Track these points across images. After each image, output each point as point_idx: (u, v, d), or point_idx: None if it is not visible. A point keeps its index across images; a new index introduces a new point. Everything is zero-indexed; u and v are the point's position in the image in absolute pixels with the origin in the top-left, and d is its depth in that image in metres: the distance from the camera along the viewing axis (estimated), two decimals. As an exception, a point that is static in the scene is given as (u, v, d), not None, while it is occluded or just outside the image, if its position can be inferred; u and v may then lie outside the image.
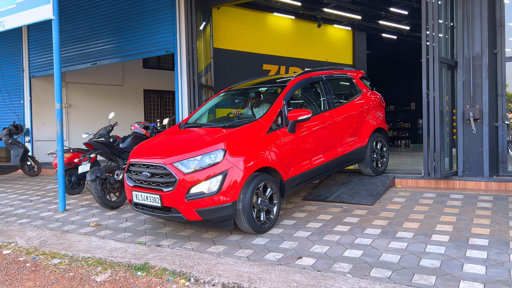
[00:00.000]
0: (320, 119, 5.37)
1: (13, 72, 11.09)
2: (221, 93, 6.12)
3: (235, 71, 8.85)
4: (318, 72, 5.83)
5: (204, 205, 4.15)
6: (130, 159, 4.80)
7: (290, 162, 4.86)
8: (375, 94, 6.62)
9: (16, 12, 6.61)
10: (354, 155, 5.97)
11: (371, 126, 6.23)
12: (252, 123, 4.70)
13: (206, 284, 3.43)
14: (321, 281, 3.26)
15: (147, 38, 8.72)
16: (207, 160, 4.22)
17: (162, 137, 5.14)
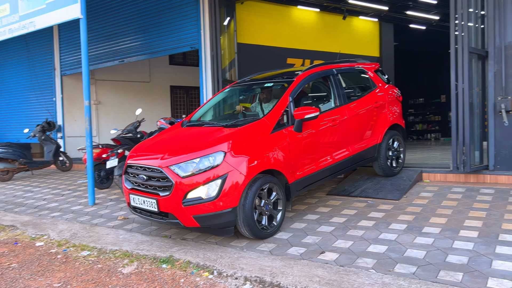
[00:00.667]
0: (330, 116, 5.05)
1: (46, 71, 11.46)
2: (226, 88, 5.87)
3: (259, 65, 8.83)
4: (328, 65, 5.50)
5: (202, 211, 3.87)
6: (128, 160, 4.57)
7: (297, 163, 4.55)
8: (391, 88, 6.23)
9: (46, 12, 6.82)
10: (368, 154, 5.62)
11: (386, 122, 5.83)
12: (255, 122, 4.39)
13: (229, 277, 3.47)
14: (343, 276, 3.24)
15: (172, 34, 8.83)
16: (206, 163, 3.92)
17: (161, 137, 4.94)
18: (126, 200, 4.60)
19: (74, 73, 10.83)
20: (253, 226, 4.03)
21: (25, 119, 11.89)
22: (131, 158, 4.55)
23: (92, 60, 10.18)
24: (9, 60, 12.54)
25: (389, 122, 5.87)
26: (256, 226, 4.06)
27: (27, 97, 12.01)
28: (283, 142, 4.41)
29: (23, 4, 7.28)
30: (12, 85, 12.59)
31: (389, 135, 5.85)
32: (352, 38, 10.57)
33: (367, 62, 6.25)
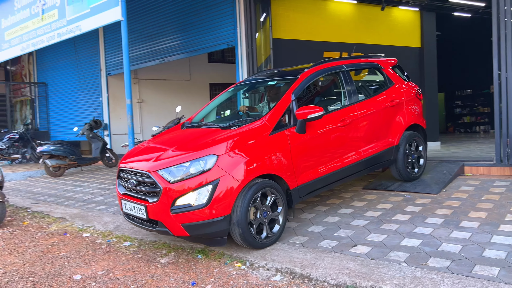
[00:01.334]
0: (338, 116, 4.66)
1: (92, 72, 12.06)
2: (230, 88, 5.61)
3: (295, 60, 8.83)
4: (338, 61, 5.14)
5: (192, 219, 3.59)
6: (120, 164, 4.33)
7: (299, 167, 4.21)
8: (410, 86, 5.77)
9: (90, 16, 7.19)
10: (383, 157, 5.17)
11: (404, 122, 5.39)
12: (252, 124, 4.09)
13: (261, 268, 3.56)
14: (374, 269, 3.24)
15: (210, 33, 9.00)
16: (196, 168, 3.62)
17: (157, 139, 4.74)
18: (120, 205, 4.34)
19: (118, 73, 11.30)
20: (248, 235, 3.69)
21: (75, 118, 12.58)
22: (123, 161, 4.30)
23: (134, 60, 10.60)
24: (60, 63, 13.30)
25: (407, 123, 5.44)
26: (251, 236, 3.72)
27: (76, 97, 12.69)
28: (284, 144, 4.09)
29: (69, 9, 7.70)
30: (62, 87, 13.36)
31: (407, 137, 5.40)
32: (391, 29, 10.29)
33: (383, 58, 5.84)
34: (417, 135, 5.57)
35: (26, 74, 15.57)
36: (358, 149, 4.86)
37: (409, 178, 5.52)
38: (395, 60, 5.88)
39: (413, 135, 5.50)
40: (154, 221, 3.80)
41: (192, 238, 3.89)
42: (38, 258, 4.31)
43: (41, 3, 8.33)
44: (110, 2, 6.70)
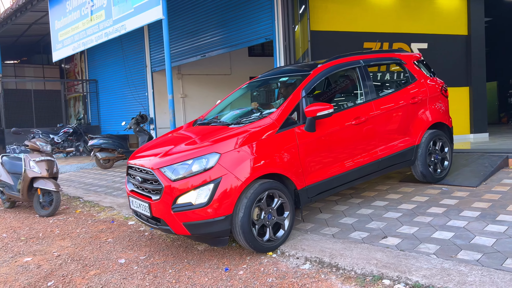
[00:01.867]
0: (352, 114, 4.48)
1: (138, 68, 12.58)
2: (244, 85, 5.54)
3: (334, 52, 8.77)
4: (355, 56, 4.92)
5: (192, 218, 3.54)
6: (129, 160, 4.34)
7: (308, 167, 4.07)
8: (434, 81, 5.44)
9: (134, 15, 7.53)
10: (402, 157, 4.93)
11: (426, 120, 5.12)
12: (259, 121, 4.00)
13: (291, 257, 3.69)
14: (402, 260, 3.28)
15: (249, 27, 9.14)
16: (198, 166, 3.56)
17: (166, 136, 4.74)
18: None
19: (162, 70, 11.72)
20: (250, 237, 3.60)
21: (122, 113, 13.22)
22: (132, 158, 4.31)
23: (177, 56, 10.97)
24: (108, 60, 13.99)
25: (430, 121, 5.15)
26: (254, 238, 3.63)
27: (124, 93, 13.31)
28: (291, 142, 3.96)
29: (115, 9, 8.11)
30: (111, 83, 14.05)
31: (430, 136, 5.11)
32: (435, 16, 9.92)
33: (406, 53, 5.59)
34: (441, 134, 5.27)
35: (78, 71, 16.50)
36: (374, 148, 4.65)
37: (432, 179, 5.26)
38: (419, 55, 5.63)
39: (436, 134, 5.21)
40: (157, 218, 3.76)
41: (195, 237, 3.83)
42: (88, 243, 4.69)
43: (90, 5, 8.83)
44: (152, 1, 6.99)
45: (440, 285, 2.82)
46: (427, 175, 5.18)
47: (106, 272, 3.81)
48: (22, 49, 17.91)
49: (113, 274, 3.75)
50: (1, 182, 6.68)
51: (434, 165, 5.28)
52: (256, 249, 3.72)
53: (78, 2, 9.29)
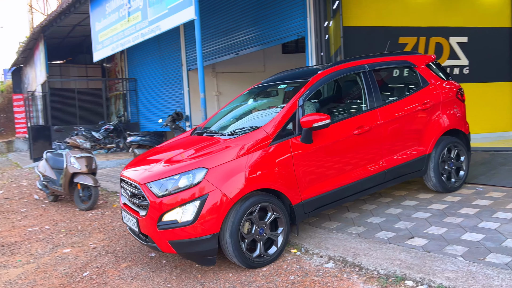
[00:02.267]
0: (354, 123, 4.21)
1: (174, 67, 12.90)
2: (245, 91, 5.33)
3: (367, 48, 8.64)
4: (359, 61, 4.62)
5: (178, 236, 3.37)
6: (122, 171, 4.18)
7: (304, 180, 3.85)
8: (449, 85, 5.06)
9: (168, 16, 7.74)
10: (411, 168, 4.63)
11: (439, 127, 4.76)
12: (251, 133, 3.79)
13: (315, 255, 3.71)
14: (426, 261, 3.22)
15: (281, 24, 9.15)
16: (184, 181, 3.38)
17: (162, 147, 4.63)
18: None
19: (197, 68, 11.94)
20: (239, 254, 3.44)
21: (160, 111, 13.60)
22: (125, 168, 4.18)
23: (211, 55, 11.15)
24: (147, 60, 14.41)
25: (443, 128, 4.79)
26: (243, 253, 3.46)
27: (161, 91, 13.69)
28: (285, 155, 3.75)
29: (151, 10, 8.36)
30: (149, 82, 14.48)
31: (443, 144, 4.79)
32: (476, 8, 9.50)
33: (417, 54, 5.21)
34: (456, 141, 4.93)
35: (119, 70, 17.11)
36: (379, 159, 4.37)
37: (446, 189, 4.89)
38: (432, 57, 5.27)
39: (451, 141, 4.87)
40: (144, 235, 3.62)
41: (183, 256, 3.64)
42: (122, 236, 4.91)
43: (127, 7, 9.14)
44: (185, 2, 7.16)
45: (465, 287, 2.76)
46: (440, 185, 4.84)
47: (137, 265, 3.98)
48: (67, 50, 18.79)
49: (143, 267, 3.92)
50: (45, 177, 7.09)
51: (448, 174, 4.93)
52: (248, 266, 3.54)
53: (116, 4, 9.64)
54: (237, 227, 3.41)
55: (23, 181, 10.23)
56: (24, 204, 7.32)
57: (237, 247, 3.41)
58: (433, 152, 4.75)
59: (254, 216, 3.52)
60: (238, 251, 3.43)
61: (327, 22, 8.42)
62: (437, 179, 4.79)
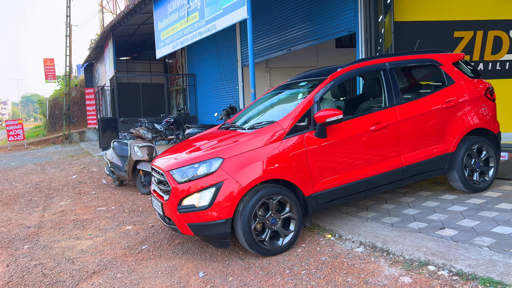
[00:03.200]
0: (371, 119, 4.29)
1: (230, 63, 13.47)
2: (271, 90, 5.49)
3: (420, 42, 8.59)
4: (379, 59, 4.68)
5: (195, 219, 3.69)
6: (152, 161, 4.60)
7: (317, 173, 4.02)
8: (477, 83, 5.01)
9: (223, 16, 8.23)
10: (432, 165, 4.62)
11: (463, 126, 4.72)
12: (266, 127, 4.01)
13: (347, 240, 4.00)
14: (451, 250, 3.40)
15: (331, 20, 9.32)
16: (203, 169, 3.71)
17: (190, 139, 4.93)
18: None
19: (252, 63, 12.40)
20: (251, 240, 3.69)
21: (216, 105, 14.27)
22: (155, 159, 4.56)
23: (264, 51, 11.55)
24: (205, 56, 15.14)
25: (468, 126, 4.76)
26: (254, 241, 3.70)
27: (217, 86, 14.34)
28: (299, 148, 3.93)
29: (207, 11, 8.91)
30: (206, 77, 15.21)
31: (469, 143, 4.74)
32: (542, -1, 9.03)
33: (443, 53, 5.13)
34: (483, 140, 4.85)
35: (179, 66, 18.05)
36: (397, 156, 4.43)
37: (471, 189, 4.82)
38: (460, 55, 5.22)
39: (477, 140, 4.81)
40: (168, 218, 3.98)
41: (202, 239, 3.95)
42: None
43: (186, 7, 9.78)
44: (238, 2, 7.60)
45: (483, 274, 2.94)
46: (465, 184, 4.78)
47: (188, 242, 4.50)
48: (132, 47, 20.11)
49: (193, 244, 4.42)
50: (112, 163, 7.91)
51: (474, 174, 4.87)
52: (259, 253, 3.78)
53: (177, 5, 10.33)
54: (250, 213, 3.64)
55: (93, 167, 11.33)
56: (94, 188, 8.22)
57: (249, 233, 3.66)
58: (457, 151, 4.71)
59: (271, 203, 3.76)
60: (250, 238, 3.67)
61: (379, 17, 8.47)
62: (460, 178, 4.74)
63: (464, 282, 2.94)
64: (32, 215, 6.55)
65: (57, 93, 29.59)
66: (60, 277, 3.95)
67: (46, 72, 30.36)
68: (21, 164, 13.65)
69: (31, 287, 3.81)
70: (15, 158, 15.95)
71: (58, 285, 3.77)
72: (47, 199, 7.67)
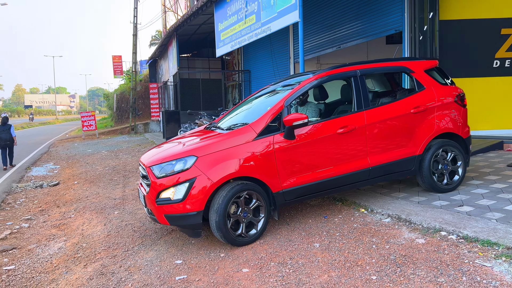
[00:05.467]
0: (338, 123, 4.59)
1: (283, 60, 14.31)
2: (255, 93, 5.82)
3: (463, 42, 8.89)
4: (351, 67, 4.93)
5: (171, 211, 4.09)
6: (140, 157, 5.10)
7: (285, 172, 4.35)
8: (448, 90, 5.21)
9: (277, 19, 9.10)
10: (400, 166, 4.90)
11: (431, 130, 4.97)
12: (240, 128, 4.41)
13: (377, 213, 4.76)
14: (463, 220, 4.08)
15: (379, 19, 9.86)
16: (179, 166, 4.12)
17: (175, 138, 5.35)
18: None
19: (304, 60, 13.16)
20: (225, 231, 4.06)
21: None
22: (144, 154, 5.02)
23: (315, 48, 12.28)
24: (259, 53, 16.10)
25: (435, 131, 5.00)
26: (228, 232, 4.08)
27: (270, 82, 15.19)
28: (267, 149, 4.28)
29: (263, 14, 9.82)
30: (260, 73, 16.17)
31: (436, 146, 4.99)
32: None
33: (416, 60, 5.34)
34: (451, 144, 5.09)
35: (236, 63, 19.17)
36: (364, 157, 4.72)
37: (438, 189, 5.08)
38: (433, 62, 5.41)
39: (444, 144, 5.05)
40: (149, 209, 4.39)
41: (179, 228, 4.44)
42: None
43: (244, 10, 10.75)
44: (291, 7, 8.42)
45: (483, 237, 3.62)
46: (431, 185, 5.04)
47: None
48: (192, 45, 21.54)
49: (249, 213, 5.36)
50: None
51: (441, 176, 5.11)
52: (232, 243, 4.17)
53: (236, 8, 11.34)
54: (223, 206, 4.02)
55: (159, 154, 12.68)
56: (163, 170, 9.44)
57: (221, 224, 4.03)
58: (424, 154, 4.99)
59: (240, 200, 4.14)
60: (222, 228, 4.04)
61: (424, 16, 8.93)
62: (427, 179, 5.00)
63: (468, 243, 3.64)
64: (115, 190, 7.87)
65: (123, 87, 32.00)
66: (146, 232, 5.08)
67: (114, 68, 32.93)
68: (97, 151, 15.45)
69: (126, 238, 4.97)
70: (90, 146, 17.92)
71: (146, 238, 4.90)
72: (125, 178, 9.02)
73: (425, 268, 3.31)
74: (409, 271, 3.29)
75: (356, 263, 3.56)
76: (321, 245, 4.05)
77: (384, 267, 3.43)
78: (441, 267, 3.29)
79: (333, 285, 3.24)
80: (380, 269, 3.40)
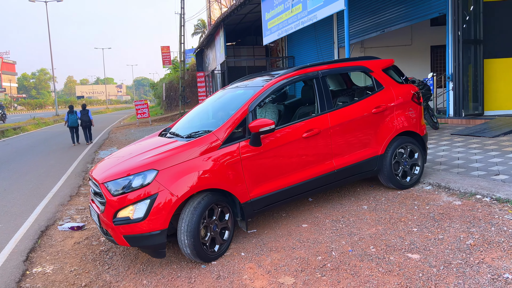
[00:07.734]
0: (303, 127, 4.41)
1: (327, 45, 14.77)
2: (213, 95, 5.58)
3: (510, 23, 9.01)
4: (312, 68, 4.78)
5: (131, 231, 3.63)
6: (90, 171, 4.45)
7: (252, 180, 4.07)
8: (405, 89, 5.20)
9: (323, 7, 9.64)
10: (363, 167, 4.85)
11: (392, 129, 4.94)
12: (202, 137, 4.00)
13: (419, 183, 5.33)
14: (497, 186, 4.61)
15: (423, 2, 10.12)
16: (138, 181, 3.65)
17: (127, 148, 4.82)
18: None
19: (347, 45, 13.59)
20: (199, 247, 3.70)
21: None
22: (93, 168, 4.45)
23: (360, 33, 12.67)
24: (303, 39, 16.62)
25: (396, 130, 4.97)
26: (201, 248, 3.73)
27: (315, 66, 15.75)
28: (233, 158, 3.97)
29: (310, 2, 10.37)
30: (304, 58, 16.71)
31: (396, 145, 4.97)
32: None
33: (374, 60, 5.28)
34: (411, 141, 5.11)
35: (280, 50, 19.77)
36: (329, 160, 4.60)
37: (400, 186, 5.11)
38: (390, 61, 5.39)
39: (404, 142, 5.05)
40: (105, 230, 3.91)
41: (139, 248, 4.00)
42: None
43: (291, 0, 11.34)
44: (337, -5, 8.96)
45: (514, 199, 4.16)
46: (393, 183, 5.07)
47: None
48: (238, 33, 22.33)
49: (303, 184, 6.08)
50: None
51: (402, 172, 5.13)
52: (201, 259, 3.77)
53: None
54: (194, 224, 3.65)
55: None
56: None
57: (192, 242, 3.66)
58: (386, 153, 4.97)
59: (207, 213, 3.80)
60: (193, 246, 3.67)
61: (467, 0, 9.14)
62: (389, 177, 5.02)
63: (499, 204, 4.19)
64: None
65: (171, 77, 33.43)
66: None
67: (163, 58, 34.40)
68: (153, 136, 16.61)
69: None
70: (145, 132, 19.24)
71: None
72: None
73: (459, 222, 3.92)
74: (445, 224, 3.91)
75: (400, 220, 4.21)
76: (369, 207, 4.72)
77: (424, 222, 4.06)
78: (474, 221, 3.89)
79: (380, 235, 3.92)
80: (420, 224, 4.03)
